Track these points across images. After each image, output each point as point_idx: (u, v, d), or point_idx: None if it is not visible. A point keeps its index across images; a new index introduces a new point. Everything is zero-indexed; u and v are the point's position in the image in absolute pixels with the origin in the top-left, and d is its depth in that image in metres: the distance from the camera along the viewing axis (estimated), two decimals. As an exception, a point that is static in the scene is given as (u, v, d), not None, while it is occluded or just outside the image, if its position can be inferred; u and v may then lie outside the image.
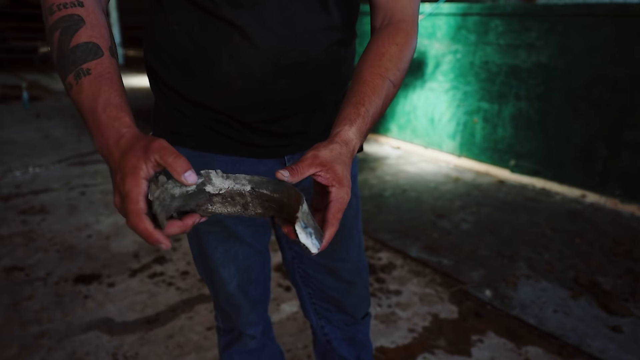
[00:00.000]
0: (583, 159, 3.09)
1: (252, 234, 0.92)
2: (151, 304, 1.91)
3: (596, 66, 2.94)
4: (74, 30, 0.62)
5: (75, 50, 0.61)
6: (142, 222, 0.52)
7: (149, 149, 0.55)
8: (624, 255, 2.37)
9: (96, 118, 0.60)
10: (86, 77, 0.61)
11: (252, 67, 0.72)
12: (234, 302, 0.99)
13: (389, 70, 0.72)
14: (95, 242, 2.41)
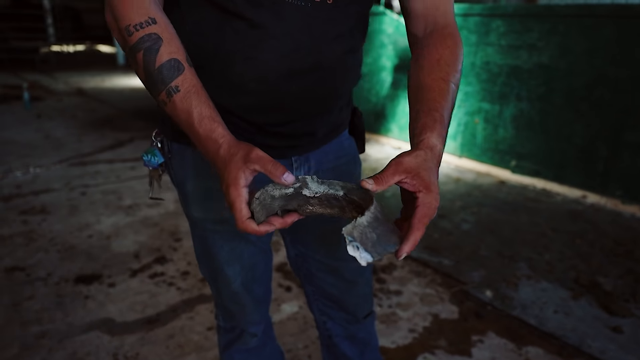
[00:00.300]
0: (584, 160, 3.09)
1: None
2: (152, 304, 1.91)
3: (597, 67, 2.94)
4: (155, 50, 0.67)
5: (162, 70, 0.67)
6: (249, 226, 0.63)
7: (248, 159, 0.63)
8: (624, 256, 2.36)
9: (194, 132, 0.67)
10: (177, 95, 0.67)
11: (267, 69, 0.73)
12: (238, 300, 0.99)
13: (449, 74, 0.74)
14: (95, 243, 2.41)
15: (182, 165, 0.87)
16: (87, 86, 7.33)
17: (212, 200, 0.86)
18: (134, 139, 4.37)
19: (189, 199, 0.89)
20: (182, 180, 0.88)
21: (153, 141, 0.90)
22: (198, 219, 0.90)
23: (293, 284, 2.07)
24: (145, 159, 0.90)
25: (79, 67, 9.39)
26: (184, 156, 0.86)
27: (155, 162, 0.90)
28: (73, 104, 6.00)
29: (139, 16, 0.67)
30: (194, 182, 0.86)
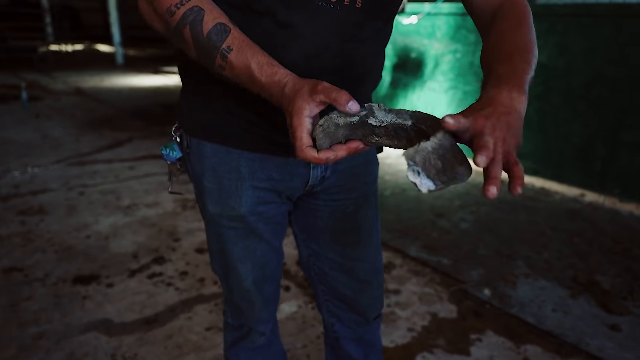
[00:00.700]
0: (582, 159, 3.09)
1: (271, 231, 0.94)
2: (150, 305, 1.91)
3: (595, 66, 2.94)
4: (200, 20, 0.67)
5: (210, 36, 0.67)
6: (308, 153, 0.62)
7: (314, 91, 0.62)
8: (622, 254, 2.37)
9: (256, 82, 0.67)
10: (231, 54, 0.67)
11: (294, 68, 0.74)
12: (249, 298, 0.99)
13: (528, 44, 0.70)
14: (94, 243, 2.41)
15: (200, 160, 0.87)
16: (86, 85, 7.32)
17: (228, 196, 0.87)
18: (133, 138, 4.36)
19: (205, 194, 0.89)
20: (199, 175, 0.89)
21: (172, 135, 0.91)
22: (214, 215, 0.90)
23: (292, 284, 2.07)
24: (164, 153, 0.91)
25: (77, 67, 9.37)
26: (202, 151, 0.86)
27: (174, 156, 0.90)
28: (71, 103, 5.99)
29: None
30: (210, 177, 0.87)
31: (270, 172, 0.86)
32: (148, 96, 6.35)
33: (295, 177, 0.88)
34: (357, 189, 0.97)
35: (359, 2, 0.74)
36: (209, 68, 0.71)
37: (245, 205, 0.87)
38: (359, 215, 0.98)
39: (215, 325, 1.80)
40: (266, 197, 0.88)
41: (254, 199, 0.87)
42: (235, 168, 0.85)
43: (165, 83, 7.70)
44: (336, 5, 0.73)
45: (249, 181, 0.86)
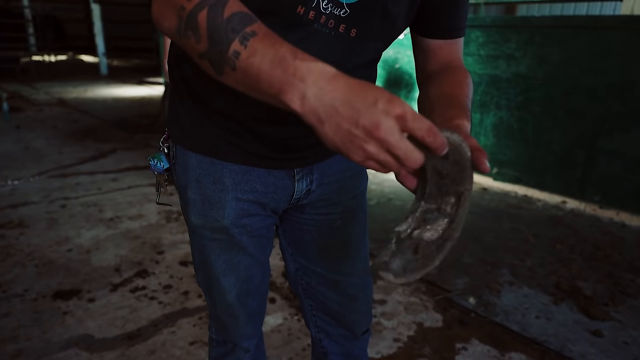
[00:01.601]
0: (563, 166, 3.15)
1: (255, 244, 0.93)
2: (132, 319, 1.88)
3: (573, 76, 3.01)
4: (222, 4, 0.58)
5: (232, 19, 0.57)
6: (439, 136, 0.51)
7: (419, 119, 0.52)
8: (603, 260, 2.41)
9: (288, 67, 0.53)
10: (255, 38, 0.56)
11: None
12: (233, 312, 0.98)
13: (469, 95, 0.75)
14: (75, 257, 2.37)
15: (184, 171, 0.87)
16: (69, 96, 7.24)
17: (211, 208, 0.86)
18: (117, 150, 4.31)
19: (189, 205, 0.88)
20: (183, 186, 0.88)
21: (160, 146, 0.90)
22: (197, 226, 0.89)
23: (277, 296, 2.05)
24: (151, 164, 0.90)
25: (60, 77, 9.27)
26: (187, 162, 0.86)
27: (161, 167, 0.90)
28: (54, 114, 5.91)
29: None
30: (194, 188, 0.86)
31: (254, 184, 0.86)
32: (132, 107, 6.30)
33: (279, 189, 0.88)
34: (344, 203, 0.96)
35: (353, 31, 0.74)
36: (218, 60, 0.59)
37: (229, 217, 0.86)
38: (346, 230, 0.98)
39: (199, 339, 1.77)
40: (250, 209, 0.88)
41: (238, 211, 0.87)
42: (219, 179, 0.85)
43: (150, 94, 7.65)
44: (331, 32, 0.72)
45: (232, 193, 0.85)
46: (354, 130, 0.50)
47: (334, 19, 0.72)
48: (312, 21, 0.70)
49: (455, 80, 0.77)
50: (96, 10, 10.01)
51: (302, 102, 0.53)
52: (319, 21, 0.71)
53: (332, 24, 0.72)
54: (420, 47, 0.85)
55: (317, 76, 0.53)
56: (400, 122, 0.49)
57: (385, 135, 0.49)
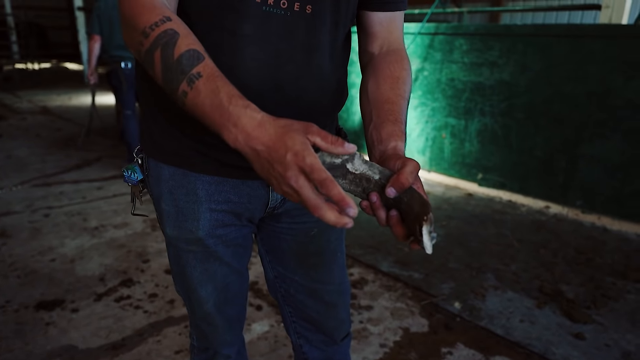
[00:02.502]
0: (545, 172, 3.20)
1: (231, 254, 0.93)
2: (117, 329, 1.86)
3: (554, 83, 3.08)
4: (173, 43, 0.64)
5: (181, 60, 0.64)
6: (336, 187, 0.56)
7: (308, 131, 0.60)
8: (585, 264, 2.45)
9: (224, 112, 0.62)
10: (199, 80, 0.63)
11: (250, 78, 0.74)
12: (211, 321, 0.98)
13: (406, 92, 0.83)
14: (58, 266, 2.33)
15: (157, 183, 0.87)
16: (53, 104, 7.15)
17: (185, 219, 0.86)
18: (102, 158, 4.27)
19: (163, 217, 0.88)
20: (157, 198, 0.88)
21: (134, 157, 0.90)
22: (172, 238, 0.89)
23: (264, 303, 2.05)
24: (125, 175, 0.90)
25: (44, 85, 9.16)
26: (159, 174, 0.86)
27: (135, 178, 0.89)
28: (37, 122, 5.84)
29: (154, 17, 0.66)
30: (168, 200, 0.86)
31: (227, 194, 0.85)
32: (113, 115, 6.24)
33: (253, 199, 0.88)
34: None
35: (308, 8, 0.75)
36: (171, 94, 0.67)
37: (203, 229, 0.86)
38: (322, 238, 0.98)
39: (185, 348, 1.76)
40: (225, 220, 0.88)
41: (212, 222, 0.86)
42: (192, 191, 0.84)
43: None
44: (286, 12, 0.73)
45: (206, 204, 0.85)
46: (272, 172, 0.60)
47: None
48: (259, 4, 0.72)
49: (393, 76, 0.83)
50: (80, 18, 9.93)
51: (235, 143, 0.62)
52: (267, 3, 0.72)
53: (285, 4, 0.73)
54: (363, 25, 0.89)
55: (246, 123, 0.61)
56: (302, 173, 0.57)
57: (291, 182, 0.57)
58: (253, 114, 0.61)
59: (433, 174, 3.85)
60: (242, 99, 0.63)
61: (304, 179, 0.57)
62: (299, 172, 0.57)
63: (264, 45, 0.74)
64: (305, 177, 0.57)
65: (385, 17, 0.87)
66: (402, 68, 0.85)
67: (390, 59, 0.86)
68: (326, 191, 0.57)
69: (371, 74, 0.86)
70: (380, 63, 0.86)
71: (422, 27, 3.64)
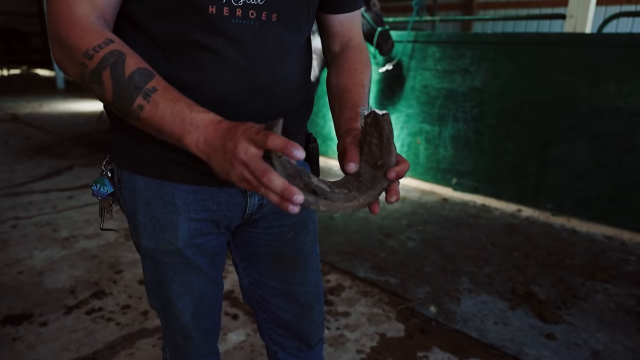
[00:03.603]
0: (517, 176, 3.28)
1: (209, 263, 0.92)
2: (88, 342, 1.81)
3: (523, 90, 3.16)
4: (122, 62, 0.67)
5: (133, 77, 0.67)
6: (277, 178, 0.59)
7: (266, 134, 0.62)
8: (556, 265, 2.52)
9: (185, 117, 0.66)
10: (156, 93, 0.67)
11: (225, 89, 0.75)
12: (187, 333, 0.97)
13: (364, 80, 0.88)
14: (26, 279, 2.26)
15: (132, 195, 0.85)
16: (23, 112, 6.95)
17: (163, 230, 0.85)
18: (73, 166, 4.17)
19: (139, 230, 0.87)
20: (132, 210, 0.86)
21: (102, 170, 0.88)
22: (149, 250, 0.88)
23: (240, 312, 2.03)
24: (94, 189, 0.87)
25: (14, 92, 8.90)
26: (134, 185, 0.85)
27: (105, 191, 0.87)
28: (6, 130, 5.66)
29: (96, 39, 0.67)
30: (144, 212, 0.85)
31: (206, 202, 0.85)
32: (91, 122, 6.12)
33: (232, 206, 0.88)
34: (294, 215, 0.97)
35: (274, 16, 0.77)
36: (124, 110, 0.69)
37: (182, 239, 0.86)
38: (297, 240, 0.99)
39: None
40: (203, 229, 0.87)
41: (191, 231, 0.86)
42: (169, 201, 0.84)
43: (110, 108, 7.44)
44: (255, 22, 0.75)
45: (184, 214, 0.84)
46: (226, 156, 0.63)
47: (254, 8, 0.75)
48: (228, 17, 0.73)
49: (351, 68, 0.89)
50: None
51: (197, 144, 0.66)
52: (235, 15, 0.74)
53: (254, 14, 0.75)
54: (325, 28, 0.95)
55: (208, 124, 0.66)
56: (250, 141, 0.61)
57: (239, 154, 0.61)
58: (214, 117, 0.67)
59: (409, 179, 3.90)
60: (202, 107, 0.67)
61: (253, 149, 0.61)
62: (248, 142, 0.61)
63: (238, 57, 0.75)
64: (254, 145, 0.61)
65: (345, 17, 0.93)
66: (359, 60, 0.91)
67: (348, 54, 0.92)
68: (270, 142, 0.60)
69: (333, 70, 0.93)
70: (340, 59, 0.93)
71: (409, 35, 3.68)
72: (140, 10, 0.74)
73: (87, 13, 0.69)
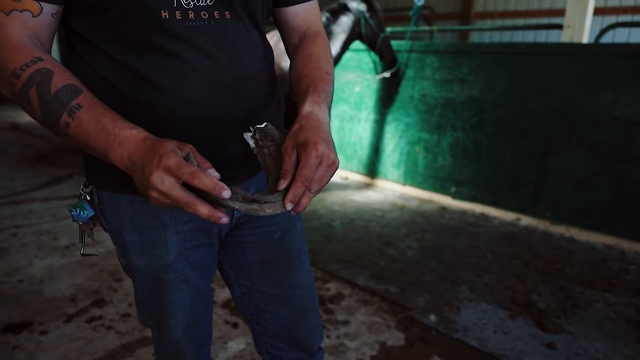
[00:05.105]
0: (516, 185, 3.30)
1: (199, 276, 0.91)
2: (88, 351, 1.80)
3: (521, 99, 3.19)
4: (48, 80, 0.67)
5: (58, 95, 0.67)
6: (207, 177, 0.60)
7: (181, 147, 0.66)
8: (555, 274, 2.52)
9: (109, 134, 0.66)
10: (80, 110, 0.67)
11: (193, 90, 0.75)
12: (179, 349, 0.96)
13: (321, 63, 0.86)
14: (26, 287, 2.26)
15: (116, 214, 0.84)
16: (22, 120, 6.97)
17: (152, 246, 0.84)
18: (73, 175, 4.18)
19: (127, 248, 0.86)
20: (117, 229, 0.86)
21: (81, 194, 0.87)
22: (140, 268, 0.87)
23: (240, 320, 2.03)
24: (74, 214, 0.86)
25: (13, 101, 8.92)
26: (117, 204, 0.84)
27: (85, 215, 0.86)
28: (6, 139, 5.67)
29: (24, 58, 0.68)
30: (130, 230, 0.84)
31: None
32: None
33: None
34: (281, 214, 0.96)
35: (227, 14, 0.78)
36: (52, 127, 0.69)
37: (172, 252, 0.85)
38: (286, 240, 0.98)
39: (159, 369, 1.72)
40: (192, 240, 0.87)
41: (180, 244, 0.86)
42: (155, 216, 0.83)
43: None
44: (210, 21, 0.76)
45: (172, 226, 0.84)
46: (143, 181, 0.63)
47: (205, 10, 0.76)
48: (181, 20, 0.74)
49: (306, 55, 0.88)
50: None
51: (121, 160, 0.66)
52: (188, 18, 0.74)
53: (206, 14, 0.76)
54: (282, 22, 0.94)
55: (131, 141, 0.66)
56: (167, 172, 0.61)
57: (157, 185, 0.61)
58: (139, 133, 0.67)
59: (408, 187, 3.91)
60: (127, 123, 0.68)
61: (170, 179, 0.61)
62: (165, 173, 0.61)
63: (199, 58, 0.76)
64: (172, 176, 0.61)
65: (300, 8, 0.92)
66: (315, 45, 0.90)
67: (305, 41, 0.92)
68: (198, 182, 0.60)
69: (291, 62, 0.92)
70: (297, 49, 0.92)
71: (407, 44, 3.72)
72: (94, 25, 0.74)
73: (18, 33, 0.69)
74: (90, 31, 0.75)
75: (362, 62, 4.03)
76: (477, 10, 8.18)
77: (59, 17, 0.74)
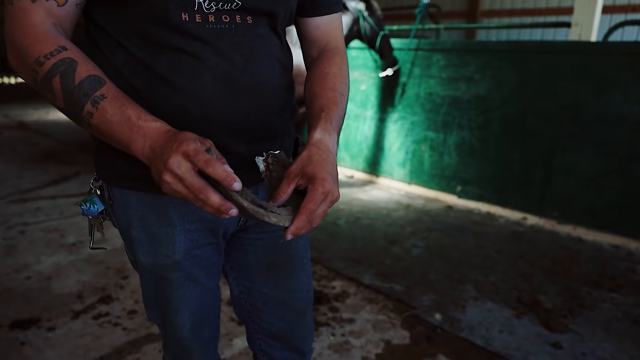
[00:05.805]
0: (522, 184, 3.28)
1: (206, 274, 0.92)
2: (95, 347, 1.82)
3: (528, 98, 3.17)
4: (72, 70, 0.67)
5: (82, 85, 0.67)
6: (221, 166, 0.61)
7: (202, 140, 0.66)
8: (562, 274, 2.51)
9: (133, 125, 0.67)
10: (104, 101, 0.67)
11: (208, 91, 0.76)
12: (186, 346, 0.96)
13: (336, 84, 0.86)
14: (34, 284, 2.28)
15: (125, 211, 0.85)
16: (30, 119, 7.03)
17: (160, 245, 0.85)
18: (80, 173, 4.21)
19: (135, 245, 0.86)
20: (126, 226, 0.86)
21: (91, 188, 0.88)
22: (146, 265, 0.87)
23: (245, 318, 2.03)
24: (84, 208, 0.86)
25: (21, 100, 9.00)
26: (127, 201, 0.84)
27: (95, 210, 0.87)
28: (13, 138, 5.72)
29: (49, 46, 0.68)
30: (139, 227, 0.84)
31: (200, 212, 0.85)
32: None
33: None
34: None
35: (249, 19, 0.78)
36: (75, 117, 0.70)
37: (179, 252, 0.85)
38: (290, 245, 0.99)
39: (165, 365, 1.73)
40: (200, 240, 0.87)
41: (188, 243, 0.86)
42: (164, 214, 0.83)
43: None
44: (231, 24, 0.76)
45: (180, 226, 0.84)
46: (160, 166, 0.64)
47: (226, 13, 0.76)
48: (202, 24, 0.74)
49: (322, 73, 0.88)
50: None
51: (142, 150, 0.67)
52: (208, 21, 0.75)
53: (227, 18, 0.76)
54: (302, 32, 0.94)
55: (154, 132, 0.66)
56: (185, 157, 0.62)
57: (173, 168, 0.61)
58: (162, 126, 0.67)
59: (413, 186, 3.90)
60: (151, 115, 0.68)
61: (186, 163, 0.61)
62: (182, 157, 0.61)
63: (217, 60, 0.76)
64: (189, 162, 0.61)
65: (322, 21, 0.92)
66: (332, 63, 0.89)
67: (322, 58, 0.91)
68: (212, 169, 0.60)
69: (307, 76, 0.91)
70: (314, 64, 0.92)
71: (410, 43, 3.71)
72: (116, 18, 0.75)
73: (42, 20, 0.69)
74: (112, 24, 0.76)
75: (368, 61, 4.02)
76: (484, 8, 8.13)
77: (81, 8, 0.75)
